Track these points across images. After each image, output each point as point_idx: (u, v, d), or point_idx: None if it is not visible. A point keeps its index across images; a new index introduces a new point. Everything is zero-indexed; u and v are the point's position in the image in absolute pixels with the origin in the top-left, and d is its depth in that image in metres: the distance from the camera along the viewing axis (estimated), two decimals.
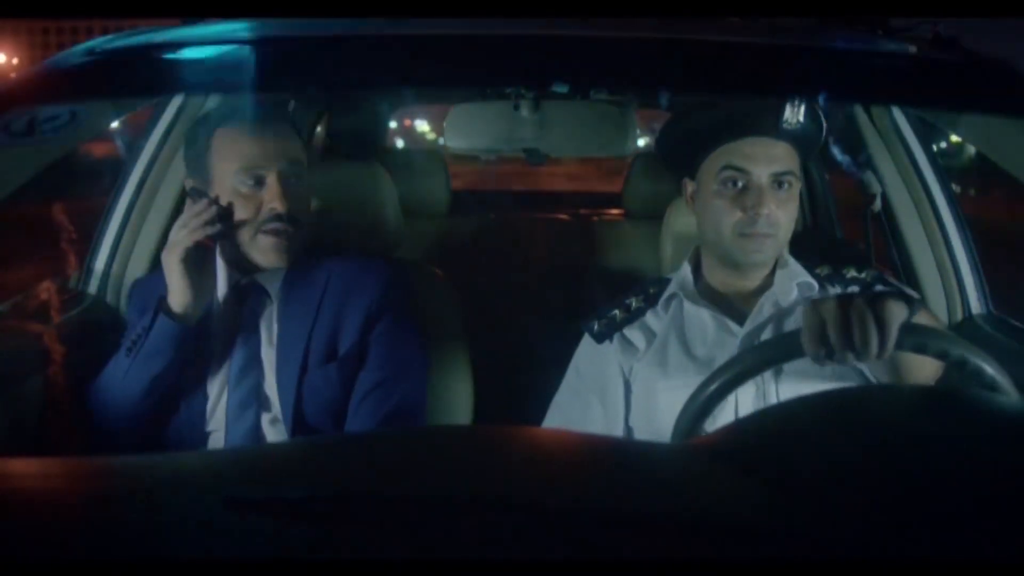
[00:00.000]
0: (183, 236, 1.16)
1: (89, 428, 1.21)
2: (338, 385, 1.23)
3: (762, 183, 1.16)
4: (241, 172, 1.19)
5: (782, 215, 1.17)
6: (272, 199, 1.18)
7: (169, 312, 1.17)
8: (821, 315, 0.87)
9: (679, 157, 1.29)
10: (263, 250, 1.20)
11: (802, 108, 1.14)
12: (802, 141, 1.19)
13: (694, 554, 0.32)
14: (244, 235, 1.20)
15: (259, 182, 1.19)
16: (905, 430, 0.47)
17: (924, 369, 1.03)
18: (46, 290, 1.47)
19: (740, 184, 1.16)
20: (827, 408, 0.52)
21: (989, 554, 0.33)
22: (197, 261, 1.18)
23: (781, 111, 1.14)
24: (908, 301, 0.88)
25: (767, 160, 1.16)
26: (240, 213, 1.19)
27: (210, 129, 1.22)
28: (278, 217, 1.18)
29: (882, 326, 0.84)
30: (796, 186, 1.19)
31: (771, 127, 1.16)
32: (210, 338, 1.24)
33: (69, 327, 1.34)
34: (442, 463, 0.39)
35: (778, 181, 1.16)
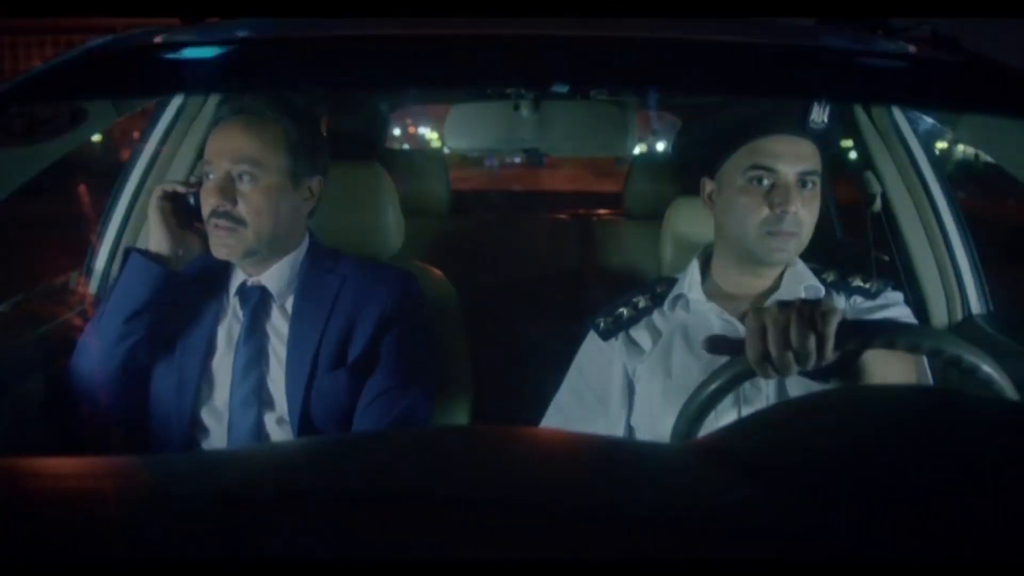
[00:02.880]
0: (158, 189, 1.29)
1: (75, 396, 1.23)
2: (346, 390, 1.25)
3: (789, 181, 1.14)
4: (202, 165, 1.26)
5: (806, 214, 1.16)
6: (210, 193, 1.21)
7: (143, 251, 1.25)
8: (759, 326, 0.85)
9: (701, 156, 1.27)
10: (212, 241, 1.24)
11: (828, 108, 1.13)
12: (824, 140, 1.18)
13: (693, 554, 0.32)
14: (207, 225, 1.24)
15: (208, 176, 1.23)
16: (904, 430, 0.47)
17: (895, 371, 1.02)
18: (47, 290, 1.47)
19: (767, 182, 1.15)
20: (826, 408, 0.52)
21: (989, 554, 0.33)
22: (177, 216, 1.26)
23: (808, 110, 1.13)
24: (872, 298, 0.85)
25: (794, 158, 1.15)
26: (203, 202, 1.24)
27: (215, 123, 1.29)
28: (214, 212, 1.21)
29: (817, 330, 0.82)
30: (819, 186, 1.18)
31: (798, 125, 1.15)
32: (206, 323, 1.27)
33: (69, 327, 1.34)
34: (441, 463, 0.39)
35: (803, 180, 1.15)
